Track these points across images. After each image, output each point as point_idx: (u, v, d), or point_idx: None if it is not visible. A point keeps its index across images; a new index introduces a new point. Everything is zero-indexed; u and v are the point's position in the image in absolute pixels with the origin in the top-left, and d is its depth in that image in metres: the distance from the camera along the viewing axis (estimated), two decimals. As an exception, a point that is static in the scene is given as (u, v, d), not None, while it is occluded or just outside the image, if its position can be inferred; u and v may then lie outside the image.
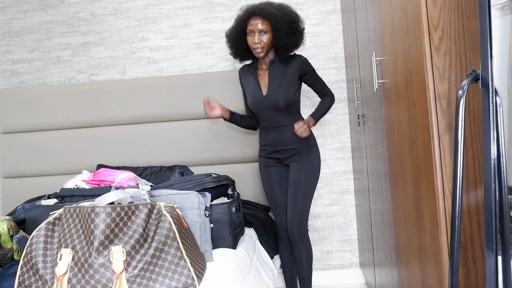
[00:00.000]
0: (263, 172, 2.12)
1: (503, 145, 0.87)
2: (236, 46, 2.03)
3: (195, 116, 2.55)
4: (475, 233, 1.15)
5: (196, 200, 1.48)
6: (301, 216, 1.98)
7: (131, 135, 2.56)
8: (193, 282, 1.20)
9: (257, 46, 1.93)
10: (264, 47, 1.94)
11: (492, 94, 0.87)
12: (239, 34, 1.99)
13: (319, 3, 2.67)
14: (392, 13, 1.50)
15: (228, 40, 2.07)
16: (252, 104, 2.05)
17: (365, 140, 2.15)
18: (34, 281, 1.18)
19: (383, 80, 1.69)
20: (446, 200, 1.16)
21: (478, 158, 1.15)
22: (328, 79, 2.65)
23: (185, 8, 2.74)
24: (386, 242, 1.81)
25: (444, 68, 1.18)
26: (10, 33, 2.84)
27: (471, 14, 1.17)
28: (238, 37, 1.99)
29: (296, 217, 1.98)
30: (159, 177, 2.33)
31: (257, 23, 1.91)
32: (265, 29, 1.92)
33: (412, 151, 1.37)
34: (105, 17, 2.78)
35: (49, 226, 1.25)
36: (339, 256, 2.61)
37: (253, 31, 1.92)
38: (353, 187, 2.61)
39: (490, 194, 0.86)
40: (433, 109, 1.19)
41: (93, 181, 2.04)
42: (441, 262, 1.16)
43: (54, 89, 2.62)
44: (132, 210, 1.21)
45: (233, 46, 2.05)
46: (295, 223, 1.97)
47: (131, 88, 2.57)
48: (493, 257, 0.85)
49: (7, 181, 2.64)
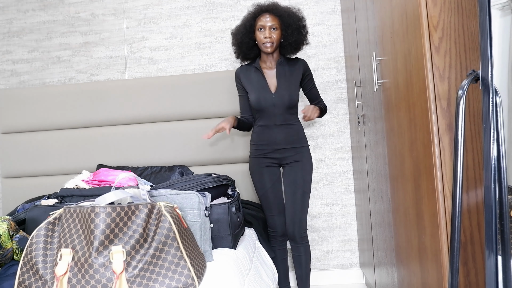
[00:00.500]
0: (256, 173, 2.09)
1: (503, 145, 0.87)
2: (243, 41, 2.05)
3: (195, 116, 2.55)
4: (475, 233, 1.15)
5: (196, 200, 1.47)
6: (302, 215, 2.01)
7: (131, 135, 2.56)
8: (193, 282, 1.20)
9: (267, 41, 1.98)
10: (273, 42, 1.99)
11: (492, 94, 0.87)
12: (248, 29, 2.03)
13: (319, 3, 2.67)
14: (392, 13, 1.50)
15: (235, 36, 2.09)
16: (260, 100, 2.03)
17: (365, 140, 2.15)
18: (34, 281, 1.18)
19: (383, 80, 1.69)
20: (446, 200, 1.16)
21: (478, 158, 1.15)
22: (328, 79, 2.65)
23: (185, 8, 2.74)
24: (386, 242, 1.81)
25: (444, 68, 1.18)
26: (10, 33, 2.84)
27: (471, 14, 1.17)
28: (247, 32, 2.04)
29: (297, 217, 2.00)
30: (159, 177, 2.33)
31: (267, 19, 1.98)
32: (275, 25, 1.98)
33: (412, 151, 1.37)
34: (105, 17, 2.78)
35: (49, 226, 1.25)
36: (339, 256, 2.61)
37: (264, 27, 1.98)
38: (353, 187, 2.61)
39: (490, 194, 0.86)
40: (433, 109, 1.19)
41: (93, 181, 2.04)
42: (441, 262, 1.16)
43: (54, 89, 2.62)
44: (132, 210, 1.21)
45: (241, 42, 2.06)
46: (296, 223, 2.00)
47: (131, 88, 2.57)
48: (493, 257, 0.85)
49: (7, 181, 2.64)
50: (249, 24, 2.02)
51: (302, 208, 2.01)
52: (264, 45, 2.00)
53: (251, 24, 2.02)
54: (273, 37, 1.98)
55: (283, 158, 2.05)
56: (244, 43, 2.06)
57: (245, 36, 2.04)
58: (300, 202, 2.00)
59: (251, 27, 2.03)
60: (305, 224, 2.04)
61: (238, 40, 2.07)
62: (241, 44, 2.07)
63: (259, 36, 2.00)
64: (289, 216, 2.01)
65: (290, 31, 2.00)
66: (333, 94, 2.65)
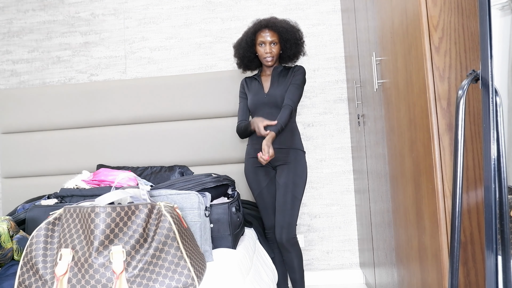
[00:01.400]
0: (251, 173, 2.12)
1: (503, 145, 0.87)
2: (245, 55, 2.17)
3: (195, 116, 2.55)
4: (475, 233, 1.15)
5: (196, 200, 1.48)
6: (290, 220, 1.97)
7: (131, 135, 2.56)
8: (193, 282, 1.20)
9: (268, 55, 2.09)
10: (274, 56, 2.10)
11: (492, 94, 0.87)
12: (249, 44, 2.13)
13: (319, 3, 2.67)
14: (392, 13, 1.50)
15: (237, 49, 2.19)
16: (254, 101, 2.12)
17: (365, 140, 2.15)
18: (34, 281, 1.18)
19: (383, 80, 1.69)
20: (446, 200, 1.16)
21: (478, 158, 1.15)
22: (328, 79, 2.65)
23: (185, 8, 2.74)
24: (386, 242, 1.81)
25: (444, 68, 1.18)
26: (10, 33, 2.84)
27: (471, 14, 1.17)
28: (248, 47, 2.14)
29: (285, 221, 1.96)
30: (159, 177, 2.33)
31: (267, 35, 2.09)
32: (274, 41, 2.09)
33: (412, 151, 1.37)
34: (105, 17, 2.78)
35: (49, 226, 1.25)
36: (339, 256, 2.61)
37: (264, 42, 2.09)
38: (353, 187, 2.61)
39: (490, 194, 0.86)
40: (433, 109, 1.19)
41: (93, 181, 2.04)
42: (441, 262, 1.16)
43: (54, 89, 2.62)
44: (132, 210, 1.21)
45: (243, 55, 2.17)
46: (284, 227, 1.96)
47: (131, 88, 2.57)
48: (493, 257, 0.85)
49: (7, 181, 2.64)
50: (250, 39, 2.13)
51: (291, 213, 1.97)
52: (265, 59, 2.11)
53: (252, 39, 2.13)
54: (273, 51, 2.09)
55: (275, 159, 2.02)
56: (246, 56, 2.18)
57: (246, 51, 2.16)
58: (289, 207, 1.97)
59: (252, 41, 2.13)
60: (294, 229, 1.99)
61: (240, 54, 2.18)
62: (243, 58, 2.19)
63: (260, 51, 2.12)
64: (277, 221, 1.98)
65: (289, 45, 2.11)
66: (333, 94, 2.65)
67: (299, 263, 2.04)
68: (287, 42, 2.10)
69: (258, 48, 2.13)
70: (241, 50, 2.17)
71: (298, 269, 2.04)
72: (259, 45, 2.12)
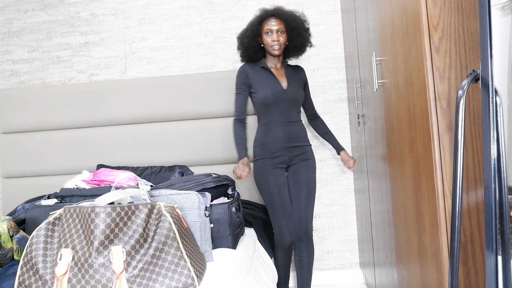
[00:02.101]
0: (269, 174, 2.00)
1: (503, 145, 0.87)
2: (250, 44, 2.09)
3: (195, 116, 2.55)
4: (475, 233, 1.15)
5: (196, 200, 1.47)
6: (312, 214, 2.04)
7: (131, 135, 2.56)
8: (193, 282, 1.20)
9: (275, 44, 2.03)
10: (281, 44, 2.05)
11: (492, 94, 0.87)
12: (254, 33, 2.07)
13: (319, 3, 2.67)
14: (392, 13, 1.50)
15: (241, 40, 2.12)
16: (272, 96, 2.02)
17: (365, 140, 2.15)
18: (34, 281, 1.18)
19: (383, 80, 1.69)
20: (446, 200, 1.16)
21: (478, 158, 1.15)
22: (328, 79, 2.65)
23: (185, 8, 2.74)
24: (386, 242, 1.81)
25: (444, 68, 1.18)
26: (10, 33, 2.84)
27: (471, 14, 1.17)
28: (254, 36, 2.08)
29: (309, 215, 2.02)
30: (159, 177, 2.33)
31: (274, 23, 2.04)
32: (281, 29, 2.05)
33: (412, 151, 1.37)
34: (105, 17, 2.78)
35: (49, 226, 1.25)
36: (339, 256, 2.61)
37: (271, 31, 2.04)
38: (353, 187, 2.61)
39: (490, 194, 0.86)
40: (433, 109, 1.19)
41: (93, 181, 2.04)
42: (441, 262, 1.16)
43: (54, 89, 2.62)
44: (132, 210, 1.21)
45: (248, 45, 2.09)
46: (309, 220, 2.02)
47: (131, 88, 2.57)
48: (493, 257, 0.85)
49: (7, 181, 2.64)
50: (256, 29, 2.07)
51: (312, 208, 2.04)
52: (272, 48, 2.05)
53: (257, 28, 2.07)
54: (280, 40, 2.04)
55: (292, 157, 2.03)
56: (250, 46, 2.10)
57: (251, 40, 2.08)
58: (311, 202, 2.03)
59: (257, 31, 2.07)
60: (312, 223, 2.04)
61: (245, 44, 2.10)
62: (247, 48, 2.10)
63: (266, 40, 2.05)
64: (302, 216, 2.01)
65: (296, 34, 2.07)
66: (333, 94, 2.65)
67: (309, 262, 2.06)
68: (294, 31, 2.06)
69: (264, 38, 2.05)
70: (246, 40, 2.09)
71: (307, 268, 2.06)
72: (265, 34, 2.05)
